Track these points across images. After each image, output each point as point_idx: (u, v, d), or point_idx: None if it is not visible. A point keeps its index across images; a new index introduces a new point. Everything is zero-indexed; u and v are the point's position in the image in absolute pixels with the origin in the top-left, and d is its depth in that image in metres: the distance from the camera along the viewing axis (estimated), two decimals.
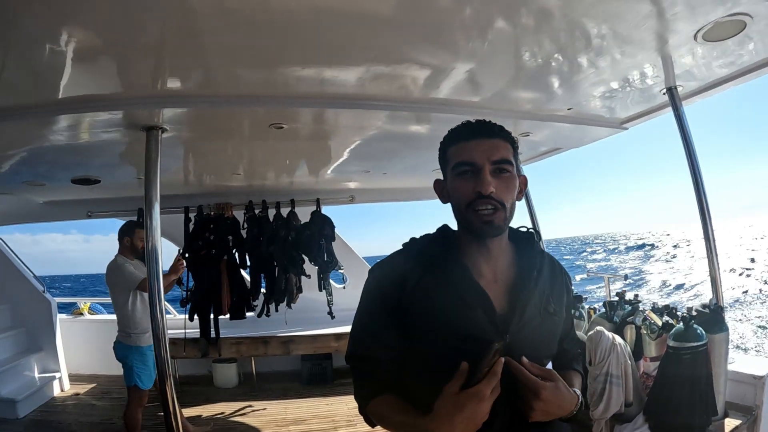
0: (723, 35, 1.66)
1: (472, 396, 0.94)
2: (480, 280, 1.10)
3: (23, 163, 2.94)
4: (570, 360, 1.29)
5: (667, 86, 2.10)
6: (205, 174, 3.76)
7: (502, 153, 1.08)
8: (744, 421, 1.95)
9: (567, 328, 1.28)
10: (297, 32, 1.53)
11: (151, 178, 2.24)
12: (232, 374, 4.85)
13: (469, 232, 1.10)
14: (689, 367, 1.81)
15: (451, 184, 1.11)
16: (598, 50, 1.75)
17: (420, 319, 1.08)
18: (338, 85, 1.98)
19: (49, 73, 1.71)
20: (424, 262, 1.12)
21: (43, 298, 4.83)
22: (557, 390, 1.02)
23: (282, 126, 2.34)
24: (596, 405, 1.93)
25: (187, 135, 2.52)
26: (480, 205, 1.04)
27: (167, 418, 2.31)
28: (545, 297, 1.13)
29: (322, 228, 4.08)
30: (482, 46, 1.69)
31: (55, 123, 2.21)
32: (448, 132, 1.14)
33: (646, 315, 2.10)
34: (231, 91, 2.01)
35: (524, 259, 1.17)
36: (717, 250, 2.16)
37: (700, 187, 2.12)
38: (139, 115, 2.14)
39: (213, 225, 4.04)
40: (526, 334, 1.08)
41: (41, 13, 1.31)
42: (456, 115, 2.11)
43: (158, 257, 2.26)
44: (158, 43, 1.55)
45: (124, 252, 3.33)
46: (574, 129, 2.64)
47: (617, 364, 1.91)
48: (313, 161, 3.50)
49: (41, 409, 4.25)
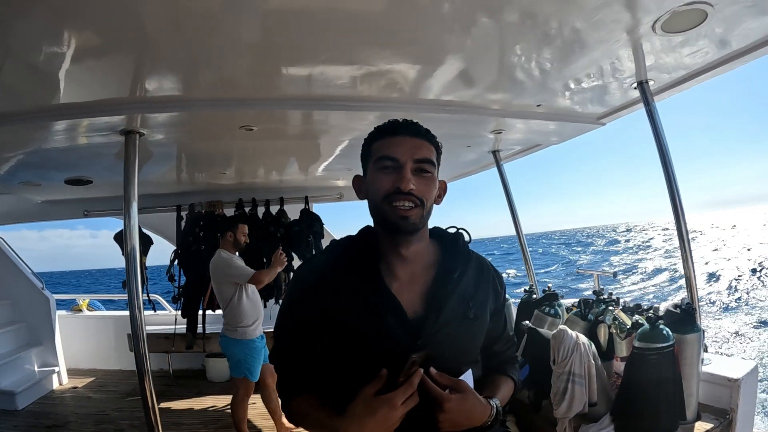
0: (684, 26, 1.60)
1: (384, 402, 0.94)
2: (393, 282, 1.08)
3: (18, 164, 3.00)
4: (501, 364, 1.26)
5: (638, 80, 2.06)
6: (196, 173, 3.80)
7: (425, 153, 1.08)
8: (716, 424, 1.89)
9: (497, 331, 1.24)
10: (274, 33, 1.53)
11: (130, 180, 2.28)
12: (225, 368, 4.89)
13: (383, 227, 1.09)
14: (655, 368, 1.77)
15: (371, 178, 1.09)
16: (559, 43, 1.71)
17: (335, 322, 1.08)
18: (326, 86, 1.99)
19: (19, 82, 1.77)
20: (341, 264, 1.11)
21: (42, 295, 4.95)
22: (464, 402, 1.00)
23: (252, 128, 2.36)
24: (559, 404, 1.90)
25: (166, 138, 2.56)
26: (398, 200, 1.03)
27: (146, 413, 2.35)
28: (465, 301, 1.11)
29: (311, 225, 4.11)
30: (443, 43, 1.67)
31: (40, 128, 2.26)
32: (375, 128, 1.13)
33: (615, 314, 2.08)
34: (205, 95, 2.03)
35: (446, 261, 1.15)
36: (691, 247, 2.12)
37: (672, 183, 2.07)
38: (117, 120, 2.18)
39: (203, 222, 4.08)
40: (441, 339, 1.05)
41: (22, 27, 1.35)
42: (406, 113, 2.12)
43: (137, 255, 2.30)
44: (133, 50, 1.57)
45: (227, 246, 3.38)
46: (549, 125, 2.60)
47: (580, 363, 1.88)
48: (301, 160, 3.54)
49: (40, 402, 4.38)
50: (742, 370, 2.01)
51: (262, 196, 4.26)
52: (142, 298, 3.93)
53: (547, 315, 2.45)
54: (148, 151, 2.80)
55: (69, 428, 3.79)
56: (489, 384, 1.18)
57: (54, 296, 5.10)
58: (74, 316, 5.56)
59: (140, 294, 2.30)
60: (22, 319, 4.92)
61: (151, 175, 3.66)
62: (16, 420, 3.98)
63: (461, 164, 3.84)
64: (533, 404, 2.18)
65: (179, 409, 4.16)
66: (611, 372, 2.14)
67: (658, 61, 1.91)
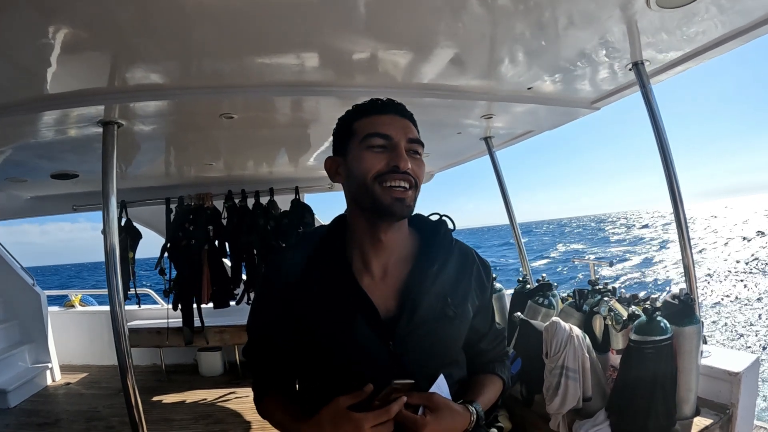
0: (680, 0, 1.50)
1: (351, 421, 0.87)
2: (364, 277, 1.00)
3: (2, 160, 2.93)
4: (488, 362, 1.17)
5: (633, 61, 1.96)
6: (183, 165, 3.71)
7: (415, 134, 1.01)
8: (716, 420, 1.81)
9: (483, 327, 1.14)
10: (253, 19, 1.45)
11: (108, 172, 2.21)
12: (217, 362, 4.91)
13: (372, 210, 0.98)
14: (652, 362, 1.69)
15: (355, 157, 0.99)
16: (548, 19, 1.60)
17: (302, 319, 1.00)
18: (309, 73, 1.92)
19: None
20: (310, 257, 1.03)
21: (33, 291, 4.90)
22: (441, 420, 0.92)
23: (232, 116, 2.28)
24: (551, 399, 1.84)
25: (148, 129, 2.47)
26: (393, 180, 0.95)
27: (129, 411, 2.30)
28: (444, 297, 1.01)
29: (302, 216, 4.03)
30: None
31: (19, 122, 2.20)
32: (354, 107, 1.05)
33: (611, 305, 2.00)
34: (182, 83, 1.95)
35: (426, 252, 1.05)
36: (690, 236, 2.04)
37: (670, 169, 1.98)
38: (94, 111, 2.11)
39: (193, 215, 4.01)
40: (415, 340, 0.97)
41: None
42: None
43: (116, 250, 2.24)
44: (109, 39, 1.50)
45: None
46: (540, 110, 2.51)
47: (574, 357, 1.81)
48: (290, 150, 3.44)
49: (32, 399, 4.35)
50: (742, 363, 1.94)
51: (252, 188, 4.17)
52: (128, 292, 3.92)
53: (541, 306, 2.38)
54: (132, 143, 2.73)
55: (60, 426, 3.75)
56: (474, 385, 1.10)
57: (45, 292, 5.05)
58: (66, 312, 5.50)
59: (120, 290, 2.24)
60: (13, 316, 4.87)
61: (139, 169, 3.59)
62: (7, 418, 3.94)
63: (452, 152, 3.75)
64: (526, 399, 2.12)
65: (171, 404, 4.13)
66: (607, 365, 2.08)
67: (654, 39, 1.80)
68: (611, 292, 2.17)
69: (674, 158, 1.99)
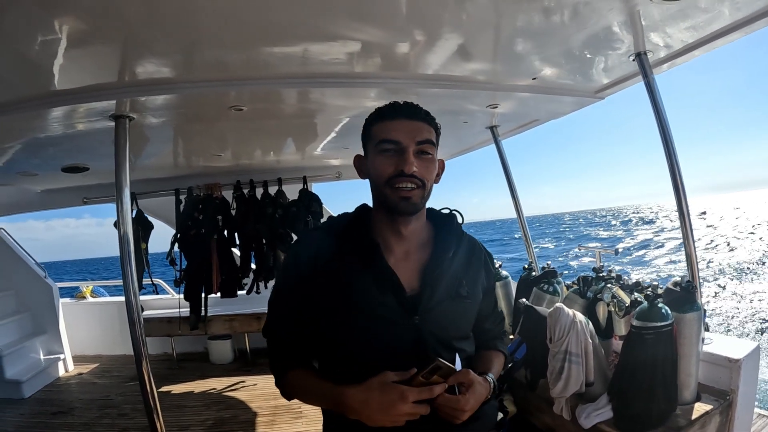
0: None
1: (398, 391, 0.94)
2: (390, 257, 1.11)
3: (13, 154, 2.99)
4: (492, 339, 1.31)
5: (636, 51, 1.97)
6: (192, 156, 3.76)
7: (425, 134, 1.10)
8: (716, 406, 1.85)
9: (488, 308, 1.29)
10: (260, 10, 1.47)
11: (121, 165, 2.25)
12: (227, 350, 5.00)
13: (385, 208, 1.11)
14: (652, 348, 1.73)
15: (372, 160, 1.11)
16: (553, 11, 1.61)
17: (332, 296, 1.09)
18: (316, 64, 1.94)
19: (5, 71, 1.74)
20: (338, 238, 1.13)
21: (45, 284, 4.98)
22: (475, 393, 1.02)
23: (242, 108, 2.31)
24: (555, 383, 1.88)
25: (158, 122, 2.51)
26: (400, 183, 1.06)
27: (145, 397, 2.36)
28: (458, 279, 1.14)
29: (309, 205, 4.08)
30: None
31: (31, 117, 2.24)
32: (375, 110, 1.15)
33: (614, 292, 2.04)
34: (192, 76, 1.98)
35: (441, 241, 1.18)
36: (692, 225, 2.06)
37: (673, 160, 2.00)
38: (106, 105, 2.15)
39: (202, 205, 4.07)
40: (435, 316, 1.09)
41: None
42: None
43: (130, 241, 2.28)
44: (118, 34, 1.53)
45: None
46: (545, 99, 2.53)
47: (577, 342, 1.85)
48: (298, 140, 3.48)
49: (46, 389, 4.45)
50: (743, 350, 1.97)
51: (260, 178, 4.21)
52: (145, 282, 3.98)
53: (546, 293, 2.43)
54: (142, 135, 2.77)
55: (73, 414, 3.85)
56: (484, 359, 1.23)
57: (57, 284, 5.14)
58: (78, 303, 5.60)
59: (135, 280, 2.29)
60: (26, 308, 4.97)
61: (149, 160, 3.64)
62: (22, 408, 4.04)
63: (460, 141, 3.79)
64: (530, 383, 2.17)
65: (182, 392, 4.22)
66: (610, 351, 2.12)
67: (657, 30, 1.82)
68: (615, 279, 2.20)
69: (677, 149, 2.02)
